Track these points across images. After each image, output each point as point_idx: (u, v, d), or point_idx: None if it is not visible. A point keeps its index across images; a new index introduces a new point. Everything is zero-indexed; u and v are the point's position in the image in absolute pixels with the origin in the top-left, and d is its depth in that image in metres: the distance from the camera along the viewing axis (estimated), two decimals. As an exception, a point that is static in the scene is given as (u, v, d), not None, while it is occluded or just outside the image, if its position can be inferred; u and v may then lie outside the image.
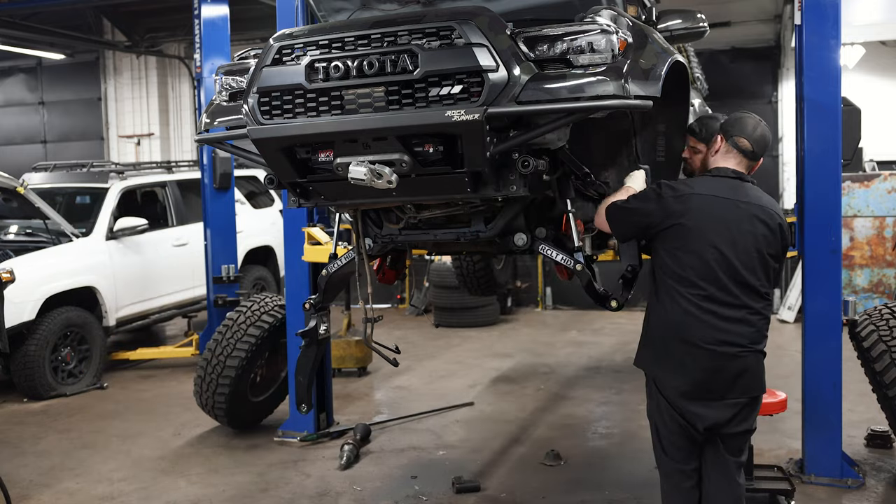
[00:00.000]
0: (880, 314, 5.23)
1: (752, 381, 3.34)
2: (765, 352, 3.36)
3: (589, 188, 3.78)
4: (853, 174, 9.86)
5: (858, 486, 4.92)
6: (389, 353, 4.52)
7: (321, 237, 5.82)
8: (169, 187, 9.33)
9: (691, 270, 3.28)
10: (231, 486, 5.21)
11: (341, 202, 3.81)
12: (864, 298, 9.78)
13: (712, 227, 3.28)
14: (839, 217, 5.00)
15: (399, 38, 3.30)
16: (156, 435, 6.31)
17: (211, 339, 6.11)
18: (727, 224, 3.29)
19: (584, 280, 3.79)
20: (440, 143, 3.33)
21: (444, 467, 5.44)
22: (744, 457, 3.51)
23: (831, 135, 4.91)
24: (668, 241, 3.35)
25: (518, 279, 11.51)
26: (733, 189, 3.38)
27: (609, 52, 3.24)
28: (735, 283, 3.27)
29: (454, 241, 4.13)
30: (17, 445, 6.12)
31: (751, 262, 3.29)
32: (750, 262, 3.29)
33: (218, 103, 3.93)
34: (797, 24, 4.97)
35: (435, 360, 8.65)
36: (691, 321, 3.27)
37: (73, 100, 16.13)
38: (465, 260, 7.03)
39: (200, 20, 8.12)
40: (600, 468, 5.37)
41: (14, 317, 6.91)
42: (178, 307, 9.17)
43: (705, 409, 3.31)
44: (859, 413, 6.15)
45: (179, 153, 15.17)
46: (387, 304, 11.95)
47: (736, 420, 3.35)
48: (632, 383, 7.38)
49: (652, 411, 3.50)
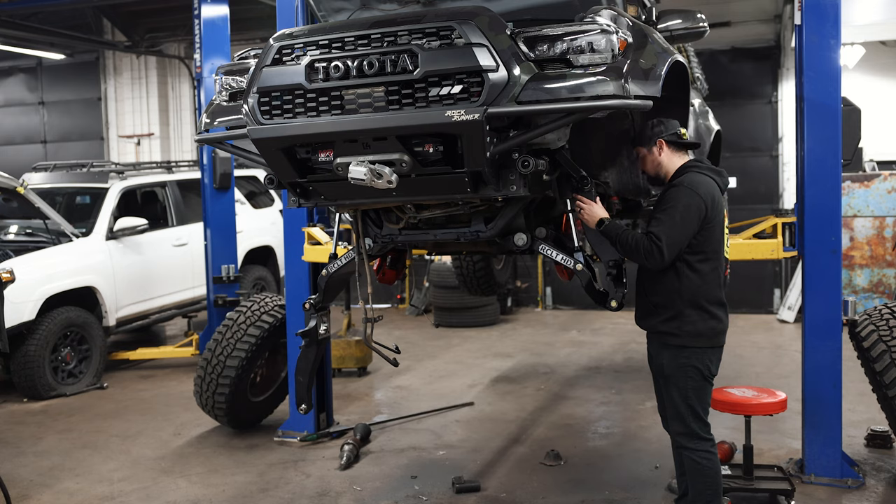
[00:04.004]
0: (880, 314, 5.23)
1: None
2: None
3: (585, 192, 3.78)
4: (853, 174, 9.85)
5: (858, 486, 4.92)
6: (389, 353, 4.52)
7: (321, 237, 5.82)
8: (169, 187, 9.33)
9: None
10: (231, 486, 5.21)
11: (341, 202, 3.81)
12: (864, 298, 9.78)
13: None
14: (839, 217, 4.99)
15: (399, 38, 3.30)
16: (156, 435, 6.31)
17: (211, 339, 6.11)
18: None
19: (584, 280, 3.79)
20: (440, 143, 3.33)
21: (444, 467, 5.44)
22: None
23: (831, 135, 4.91)
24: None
25: (518, 279, 11.50)
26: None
27: (609, 52, 3.24)
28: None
29: (454, 241, 4.13)
30: (17, 445, 6.12)
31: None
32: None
33: (218, 103, 3.93)
34: (797, 24, 4.97)
35: (435, 360, 8.65)
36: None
37: (73, 100, 16.12)
38: (465, 260, 7.03)
39: (200, 20, 8.12)
40: (600, 468, 5.37)
41: (14, 317, 6.91)
42: (178, 307, 9.17)
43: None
44: (859, 413, 6.15)
45: (179, 153, 15.16)
46: (387, 304, 11.96)
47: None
48: (632, 383, 7.38)
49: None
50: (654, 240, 3.66)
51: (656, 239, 3.65)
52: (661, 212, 3.73)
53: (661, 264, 3.71)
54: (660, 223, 3.68)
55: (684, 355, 3.78)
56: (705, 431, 3.84)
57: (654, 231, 3.67)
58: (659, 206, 3.78)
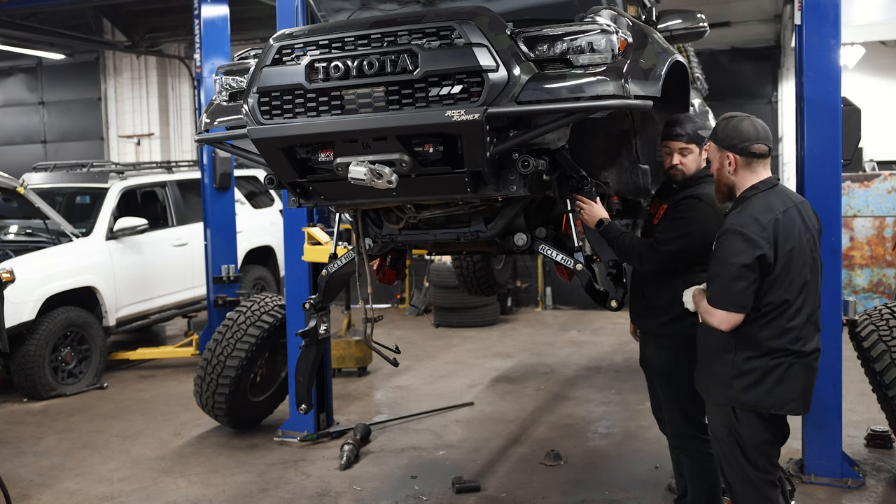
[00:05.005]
0: (880, 314, 5.23)
1: None
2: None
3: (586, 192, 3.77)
4: (853, 174, 9.85)
5: (858, 486, 4.92)
6: (389, 353, 4.53)
7: (321, 237, 5.81)
8: (169, 187, 9.33)
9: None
10: (231, 486, 5.21)
11: (341, 202, 3.82)
12: (864, 298, 9.77)
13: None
14: (839, 217, 4.99)
15: (399, 38, 3.30)
16: (156, 435, 6.31)
17: (211, 339, 6.11)
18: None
19: (584, 280, 3.79)
20: (440, 143, 3.33)
21: (444, 467, 5.44)
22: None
23: (831, 135, 4.91)
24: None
25: (518, 279, 11.50)
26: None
27: (609, 52, 3.24)
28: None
29: (454, 241, 4.13)
30: (17, 445, 6.12)
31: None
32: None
33: (218, 103, 3.93)
34: (797, 24, 4.97)
35: (435, 360, 8.65)
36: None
37: (73, 100, 16.13)
38: (465, 260, 7.03)
39: (200, 20, 8.12)
40: (600, 468, 5.37)
41: (14, 317, 6.91)
42: (178, 307, 9.16)
43: None
44: (859, 413, 6.15)
45: (179, 153, 15.17)
46: (387, 304, 11.95)
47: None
48: (632, 383, 7.38)
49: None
50: (653, 245, 3.66)
51: (657, 245, 3.65)
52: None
53: (653, 271, 3.72)
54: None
55: (682, 355, 3.77)
56: (703, 432, 3.83)
57: (658, 237, 3.68)
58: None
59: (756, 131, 3.29)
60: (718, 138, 3.34)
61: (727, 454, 3.36)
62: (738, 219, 3.22)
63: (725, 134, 3.31)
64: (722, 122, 3.37)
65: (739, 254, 3.15)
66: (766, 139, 3.31)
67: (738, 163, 3.28)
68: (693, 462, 3.93)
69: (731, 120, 3.34)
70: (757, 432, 3.30)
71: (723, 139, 3.31)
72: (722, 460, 3.41)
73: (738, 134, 3.28)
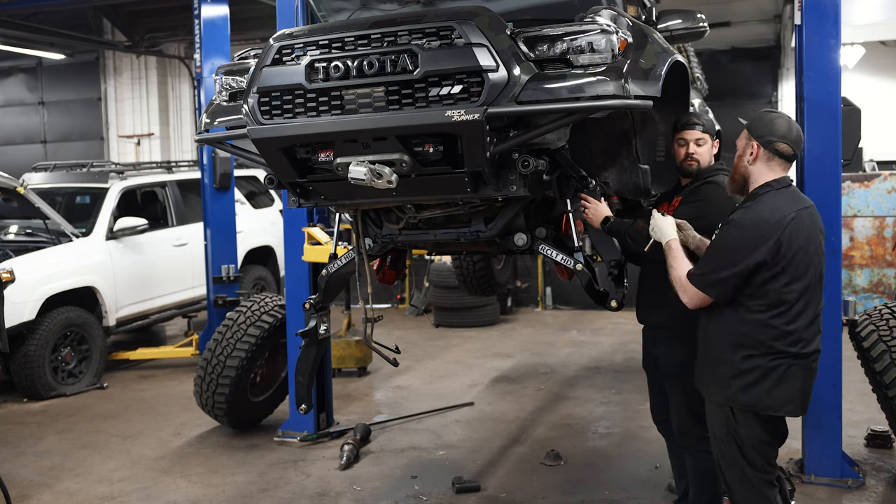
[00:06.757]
0: (880, 314, 5.23)
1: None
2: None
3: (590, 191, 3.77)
4: (853, 174, 9.85)
5: (858, 486, 4.92)
6: (389, 353, 4.53)
7: (321, 237, 5.81)
8: (169, 187, 9.33)
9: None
10: (231, 486, 5.21)
11: (341, 202, 3.82)
12: (864, 298, 9.77)
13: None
14: (839, 217, 5.00)
15: (399, 38, 3.30)
16: (156, 435, 6.31)
17: (211, 339, 6.11)
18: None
19: (584, 280, 3.79)
20: (440, 143, 3.33)
21: (444, 467, 5.44)
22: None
23: (831, 135, 4.91)
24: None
25: (518, 279, 11.50)
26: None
27: (609, 52, 3.24)
28: None
29: (454, 241, 4.13)
30: (17, 445, 6.12)
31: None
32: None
33: (218, 103, 3.93)
34: (797, 24, 4.97)
35: (435, 360, 8.65)
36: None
37: (73, 100, 16.13)
38: (465, 260, 7.03)
39: (200, 20, 8.12)
40: (600, 468, 5.37)
41: (14, 317, 6.91)
42: (178, 307, 9.16)
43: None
44: (859, 413, 6.15)
45: (179, 153, 15.17)
46: (387, 304, 11.95)
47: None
48: (632, 383, 7.38)
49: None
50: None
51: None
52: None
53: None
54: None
55: (688, 351, 3.74)
56: (707, 431, 3.83)
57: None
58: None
59: (788, 131, 3.28)
60: (752, 126, 3.34)
61: (725, 454, 3.36)
62: (746, 214, 3.23)
63: (760, 123, 3.32)
64: (762, 113, 3.38)
65: (738, 248, 3.17)
66: (795, 143, 3.29)
67: (759, 155, 3.27)
68: (697, 462, 3.92)
69: (771, 114, 3.37)
70: (755, 432, 3.30)
71: (755, 128, 3.31)
72: (720, 459, 3.41)
73: (770, 127, 3.28)
